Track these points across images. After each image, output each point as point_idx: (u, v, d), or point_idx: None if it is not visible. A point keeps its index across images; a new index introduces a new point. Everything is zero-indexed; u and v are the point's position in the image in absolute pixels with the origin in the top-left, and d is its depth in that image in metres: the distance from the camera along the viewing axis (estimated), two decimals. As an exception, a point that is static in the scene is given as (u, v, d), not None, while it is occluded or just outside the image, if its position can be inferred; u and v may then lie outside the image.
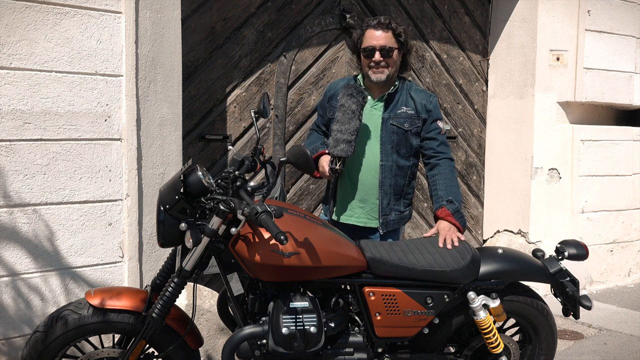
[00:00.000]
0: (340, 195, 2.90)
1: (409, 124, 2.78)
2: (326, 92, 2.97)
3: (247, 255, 2.14)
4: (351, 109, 2.69)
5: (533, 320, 2.55)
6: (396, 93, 2.81)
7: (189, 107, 3.62)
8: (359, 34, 2.81)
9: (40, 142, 2.78)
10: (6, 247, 2.73)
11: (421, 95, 2.83)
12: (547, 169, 4.78)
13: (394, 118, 2.79)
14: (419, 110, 2.79)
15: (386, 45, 2.72)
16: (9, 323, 2.76)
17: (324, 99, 2.97)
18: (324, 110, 2.96)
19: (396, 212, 2.86)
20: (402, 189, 2.86)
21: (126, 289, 2.32)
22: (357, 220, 2.87)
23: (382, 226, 2.83)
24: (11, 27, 2.68)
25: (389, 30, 2.74)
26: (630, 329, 4.04)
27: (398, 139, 2.79)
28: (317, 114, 3.06)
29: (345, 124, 2.69)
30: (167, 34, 3.12)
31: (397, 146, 2.79)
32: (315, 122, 3.06)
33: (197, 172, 2.16)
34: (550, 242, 4.48)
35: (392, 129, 2.78)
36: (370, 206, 2.84)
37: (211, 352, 3.18)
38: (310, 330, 2.13)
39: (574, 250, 2.55)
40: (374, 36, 2.73)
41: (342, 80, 2.97)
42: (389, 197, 2.83)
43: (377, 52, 2.72)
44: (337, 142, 2.70)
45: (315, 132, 3.03)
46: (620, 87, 5.03)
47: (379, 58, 2.72)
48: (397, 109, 2.79)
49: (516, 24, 4.79)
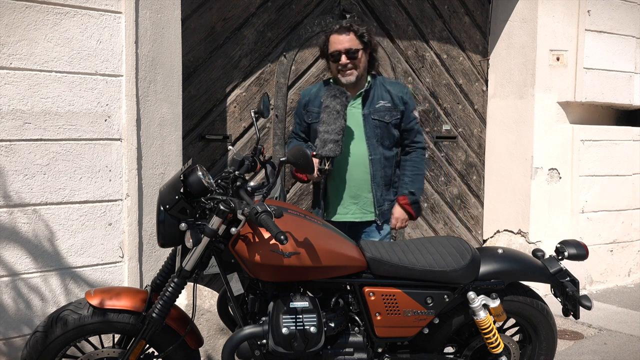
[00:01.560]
0: (331, 195, 3.00)
1: (389, 116, 2.94)
2: (300, 100, 3.09)
3: (247, 255, 2.14)
4: (336, 109, 2.82)
5: (533, 320, 2.55)
6: (371, 89, 2.95)
7: (189, 107, 3.62)
8: (323, 41, 2.97)
9: (40, 142, 2.78)
10: (6, 247, 2.73)
11: (396, 87, 3.02)
12: (547, 169, 4.78)
13: (374, 112, 2.93)
14: (396, 102, 2.95)
15: (351, 48, 2.86)
16: (9, 323, 2.76)
17: (299, 107, 3.10)
18: (300, 117, 3.08)
19: (388, 202, 3.02)
20: (391, 179, 3.03)
21: (126, 289, 2.32)
22: (353, 217, 2.98)
23: (378, 217, 2.97)
24: (11, 27, 2.68)
25: (350, 32, 2.88)
26: (630, 329, 4.04)
27: (381, 132, 2.94)
28: (294, 123, 3.17)
29: (331, 124, 2.81)
30: (167, 34, 3.12)
31: (382, 139, 2.94)
32: (293, 130, 3.18)
33: (197, 172, 2.16)
34: (550, 242, 4.48)
35: (374, 123, 2.92)
36: (363, 200, 2.97)
37: (211, 352, 3.18)
38: (310, 330, 2.13)
39: (574, 250, 2.55)
40: (338, 40, 2.88)
41: (314, 86, 3.11)
42: (381, 188, 2.97)
43: (343, 55, 2.87)
44: (325, 142, 2.81)
45: (294, 139, 3.14)
46: (620, 87, 5.04)
47: (345, 60, 2.87)
48: (375, 103, 2.94)
49: (516, 24, 4.79)
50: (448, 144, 4.84)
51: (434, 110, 4.72)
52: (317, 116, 2.94)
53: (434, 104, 4.72)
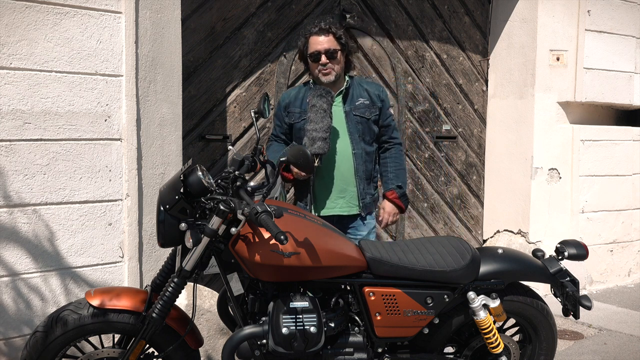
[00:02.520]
0: (318, 191, 3.08)
1: (368, 112, 3.07)
2: (280, 102, 3.17)
3: (247, 255, 2.14)
4: (322, 108, 2.92)
5: (533, 320, 2.55)
6: (350, 88, 3.08)
7: (189, 107, 3.62)
8: (303, 42, 3.07)
9: (40, 142, 2.78)
10: (6, 247, 2.73)
11: (373, 86, 3.16)
12: (547, 169, 4.78)
13: (355, 109, 3.05)
14: (374, 100, 3.09)
15: (330, 48, 2.98)
16: (9, 323, 2.76)
17: (279, 109, 3.16)
18: (281, 119, 3.14)
19: (370, 195, 3.13)
20: (371, 173, 3.14)
21: (126, 289, 2.31)
22: (340, 210, 3.08)
23: (362, 210, 3.08)
24: (11, 27, 2.68)
25: (329, 34, 3.00)
26: (630, 329, 4.04)
27: (362, 127, 3.06)
28: (274, 126, 3.22)
29: (319, 123, 2.91)
30: (167, 34, 3.12)
31: (363, 134, 3.07)
32: (273, 132, 3.22)
33: (197, 172, 2.16)
34: (550, 242, 4.48)
35: (355, 119, 3.05)
36: (350, 194, 3.07)
37: (211, 352, 3.18)
38: (310, 330, 2.13)
39: (574, 250, 2.55)
40: (318, 41, 2.99)
41: (294, 89, 3.20)
42: (363, 182, 3.08)
43: (322, 55, 2.97)
44: (314, 140, 2.90)
45: (275, 142, 3.19)
46: (620, 87, 5.03)
47: (325, 60, 2.98)
48: (354, 101, 3.07)
49: (516, 24, 4.79)
50: (448, 144, 4.84)
51: (434, 110, 4.72)
52: (299, 116, 3.03)
53: (434, 104, 4.72)
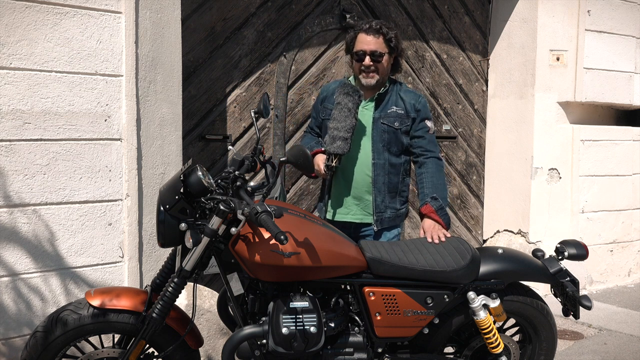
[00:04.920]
0: (335, 193, 2.96)
1: (398, 122, 2.86)
2: (320, 95, 3.05)
3: (247, 255, 2.14)
4: (347, 107, 2.78)
5: (533, 320, 2.55)
6: (386, 94, 2.89)
7: (189, 107, 3.62)
8: (351, 37, 2.89)
9: (40, 142, 2.78)
10: (6, 247, 2.73)
11: (410, 95, 2.91)
12: (547, 169, 4.78)
13: (385, 117, 2.86)
14: (409, 109, 2.87)
15: (376, 51, 2.80)
16: (8, 323, 2.76)
17: (317, 102, 3.05)
18: (317, 112, 3.03)
19: (392, 210, 2.92)
20: (397, 187, 2.92)
21: (126, 289, 2.32)
22: (354, 217, 2.93)
23: (376, 223, 2.89)
24: (11, 27, 2.68)
25: (379, 35, 2.81)
26: (630, 329, 4.04)
27: (389, 137, 2.86)
28: (311, 117, 3.14)
29: (341, 122, 2.77)
30: (167, 34, 3.12)
31: (389, 144, 2.87)
32: (309, 124, 3.14)
33: (197, 172, 2.16)
34: (550, 242, 4.47)
35: (382, 127, 2.86)
36: (364, 203, 2.91)
37: (211, 352, 3.18)
38: (310, 330, 2.13)
39: (574, 250, 2.55)
40: (365, 41, 2.81)
41: (335, 82, 3.05)
42: (383, 194, 2.89)
43: (367, 57, 2.80)
44: (334, 139, 2.77)
45: (309, 134, 3.11)
46: (620, 87, 5.03)
47: (369, 62, 2.81)
48: (387, 108, 2.87)
49: (516, 24, 4.79)
50: (448, 144, 4.84)
51: (434, 110, 4.72)
52: (331, 113, 2.87)
53: (434, 104, 4.72)
